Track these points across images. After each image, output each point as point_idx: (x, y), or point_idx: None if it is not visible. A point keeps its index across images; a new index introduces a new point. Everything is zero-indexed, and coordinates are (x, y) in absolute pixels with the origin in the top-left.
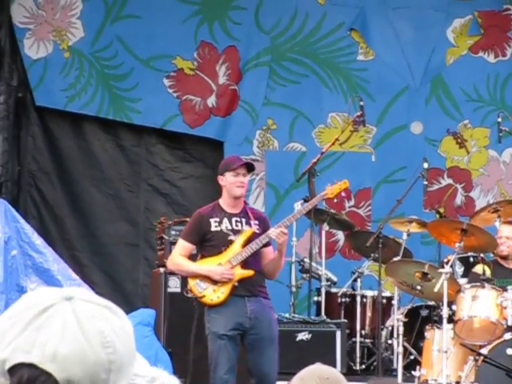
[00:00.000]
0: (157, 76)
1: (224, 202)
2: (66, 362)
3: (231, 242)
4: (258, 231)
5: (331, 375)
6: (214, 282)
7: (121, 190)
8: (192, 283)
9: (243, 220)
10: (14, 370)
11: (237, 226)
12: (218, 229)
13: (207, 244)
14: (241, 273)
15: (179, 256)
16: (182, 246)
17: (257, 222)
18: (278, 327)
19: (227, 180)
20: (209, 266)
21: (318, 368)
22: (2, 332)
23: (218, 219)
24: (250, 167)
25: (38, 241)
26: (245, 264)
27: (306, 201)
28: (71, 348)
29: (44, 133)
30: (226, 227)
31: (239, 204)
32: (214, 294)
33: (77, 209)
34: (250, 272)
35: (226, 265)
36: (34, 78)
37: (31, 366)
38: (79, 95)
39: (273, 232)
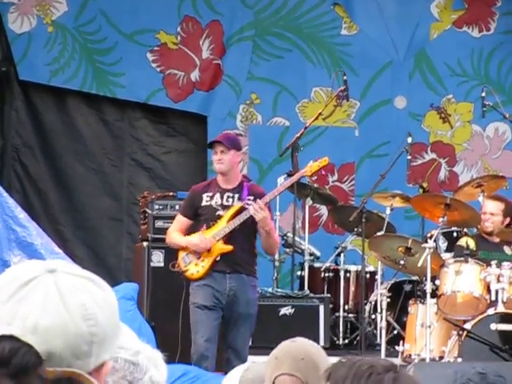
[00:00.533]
0: (140, 50)
1: (219, 177)
2: (47, 334)
3: (219, 216)
4: (248, 206)
5: (307, 355)
6: (198, 256)
7: (104, 164)
8: (180, 257)
9: (236, 195)
10: None
11: (227, 201)
12: (208, 203)
13: (199, 219)
14: (220, 248)
15: (172, 230)
16: (177, 220)
17: (251, 198)
18: (262, 302)
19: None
20: (188, 237)
21: (294, 346)
22: None
23: (210, 194)
24: (226, 144)
25: (22, 215)
26: (230, 239)
27: (289, 175)
28: (52, 320)
29: (27, 107)
30: (216, 202)
31: (233, 179)
32: (194, 268)
33: (60, 183)
34: (229, 247)
35: (210, 238)
36: (18, 52)
37: (12, 337)
38: (63, 70)
39: (250, 208)
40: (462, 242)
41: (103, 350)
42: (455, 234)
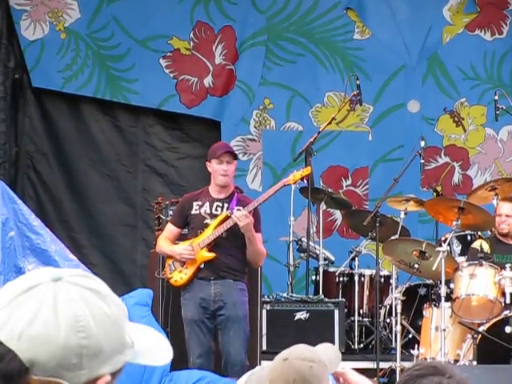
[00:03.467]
0: (153, 56)
1: (211, 187)
2: (32, 343)
3: (207, 225)
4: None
5: (298, 375)
6: (183, 263)
7: (118, 170)
8: (166, 264)
9: (225, 205)
10: None
11: (216, 210)
12: (197, 212)
13: (189, 227)
14: (203, 256)
15: (161, 238)
16: (167, 229)
17: (240, 208)
18: (277, 307)
19: (213, 167)
20: (174, 246)
21: (286, 367)
22: None
23: (200, 203)
24: (235, 155)
25: (36, 222)
26: (214, 247)
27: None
28: (39, 329)
29: (41, 114)
30: (205, 211)
31: (226, 190)
32: (178, 275)
33: (74, 190)
34: (211, 255)
35: (193, 247)
36: (31, 59)
37: (1, 343)
38: (76, 76)
39: (233, 216)
40: (476, 244)
41: (98, 363)
42: (469, 238)
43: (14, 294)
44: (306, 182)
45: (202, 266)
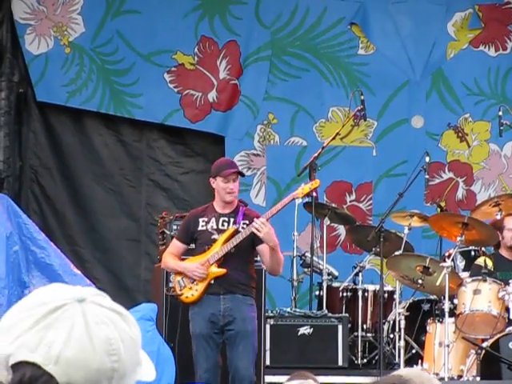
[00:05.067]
0: (157, 71)
1: (216, 202)
2: (69, 367)
3: (214, 240)
4: (242, 230)
5: None
6: (193, 280)
7: (122, 185)
8: (175, 281)
9: (231, 220)
10: (17, 366)
11: (223, 225)
12: (204, 228)
13: (196, 243)
14: (214, 271)
15: (167, 253)
16: (172, 244)
17: (246, 222)
18: (280, 321)
19: (218, 184)
20: (185, 263)
21: None
22: (11, 326)
23: (206, 219)
24: (240, 173)
25: (40, 236)
26: (225, 262)
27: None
28: (76, 352)
29: (45, 128)
30: (212, 226)
31: (231, 204)
32: (189, 292)
33: (78, 204)
34: (223, 271)
35: (204, 264)
36: (35, 73)
37: (34, 365)
38: (80, 91)
39: (253, 225)
40: (480, 261)
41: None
42: (473, 253)
43: (40, 314)
44: (315, 194)
45: (212, 281)
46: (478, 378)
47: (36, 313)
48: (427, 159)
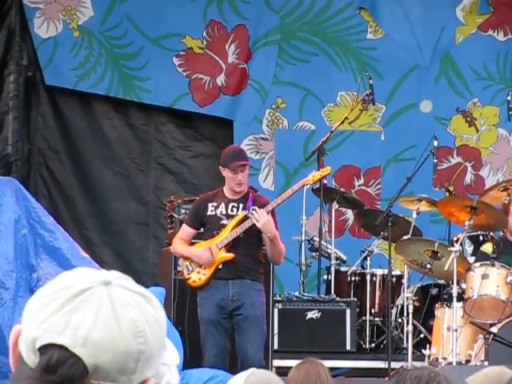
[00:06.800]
0: (166, 55)
1: (226, 188)
2: (97, 348)
3: (223, 226)
4: (251, 216)
5: None
6: (201, 264)
7: (131, 168)
8: (183, 265)
9: (241, 205)
10: (44, 349)
11: (232, 211)
12: (213, 213)
13: (205, 228)
14: (222, 256)
15: (177, 239)
16: (182, 230)
17: (255, 208)
18: (288, 306)
19: (227, 174)
20: (193, 248)
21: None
22: (37, 309)
23: (216, 204)
24: (247, 161)
25: (48, 220)
26: (232, 247)
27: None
28: (103, 334)
29: (54, 112)
30: (221, 212)
31: (241, 191)
32: (197, 276)
33: (87, 188)
34: (230, 255)
35: (212, 248)
36: (44, 57)
37: (61, 347)
38: (89, 74)
39: (252, 217)
40: (486, 248)
41: (147, 367)
42: (481, 238)
43: (65, 298)
44: (325, 181)
45: (221, 266)
46: (486, 363)
47: (61, 296)
48: (435, 144)
